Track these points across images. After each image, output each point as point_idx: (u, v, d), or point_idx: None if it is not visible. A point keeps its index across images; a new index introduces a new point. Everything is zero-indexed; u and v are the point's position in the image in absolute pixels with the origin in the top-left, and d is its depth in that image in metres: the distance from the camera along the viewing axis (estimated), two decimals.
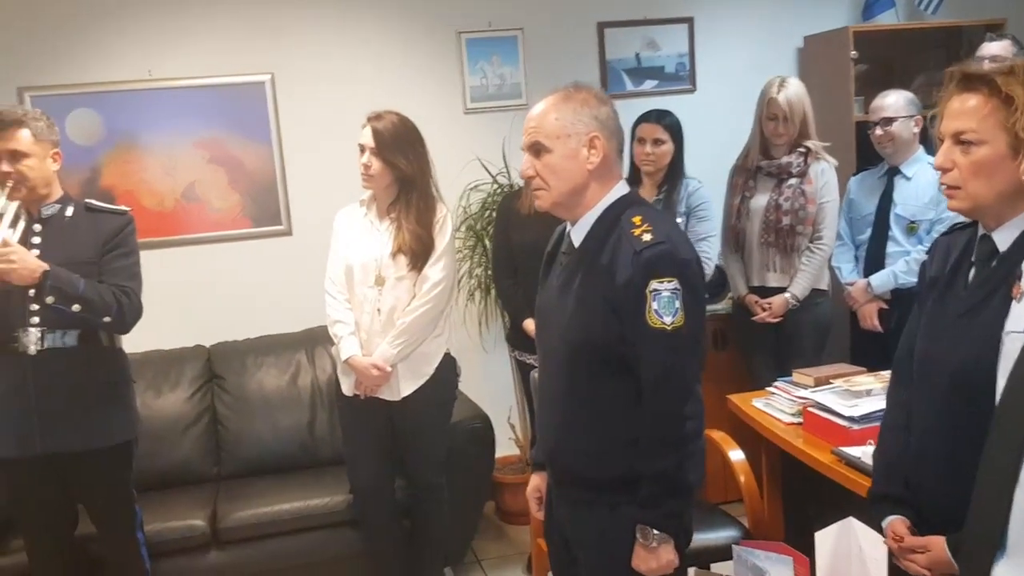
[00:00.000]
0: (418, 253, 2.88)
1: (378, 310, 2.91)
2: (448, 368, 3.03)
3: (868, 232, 3.45)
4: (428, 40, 4.06)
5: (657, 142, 3.34)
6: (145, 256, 3.66)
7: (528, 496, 2.14)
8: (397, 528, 3.14)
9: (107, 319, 2.54)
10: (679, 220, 3.33)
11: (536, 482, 2.11)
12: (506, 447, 3.99)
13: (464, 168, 4.01)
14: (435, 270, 2.90)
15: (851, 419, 2.30)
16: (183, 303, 3.82)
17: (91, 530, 2.79)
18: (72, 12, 3.62)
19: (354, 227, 3.00)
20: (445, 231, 2.94)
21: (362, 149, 2.88)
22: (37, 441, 2.54)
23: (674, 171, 3.39)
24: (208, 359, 3.68)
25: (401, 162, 2.86)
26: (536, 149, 1.86)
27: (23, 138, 2.50)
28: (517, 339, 3.44)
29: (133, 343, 3.47)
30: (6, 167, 2.48)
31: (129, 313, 2.59)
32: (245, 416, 3.57)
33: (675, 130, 3.38)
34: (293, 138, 3.90)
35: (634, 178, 3.43)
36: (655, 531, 1.77)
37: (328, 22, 3.93)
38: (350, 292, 2.98)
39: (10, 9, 3.56)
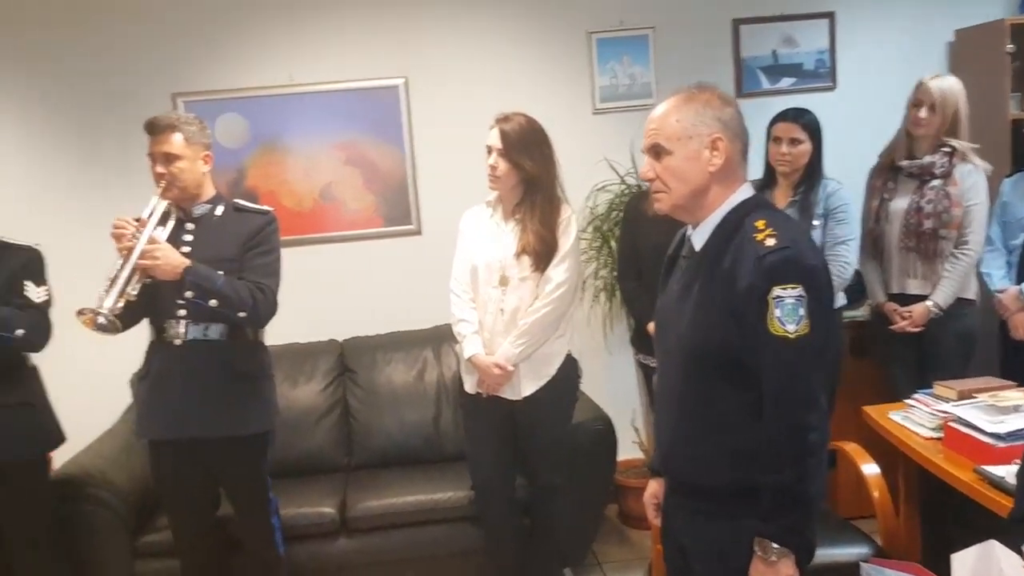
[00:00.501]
0: (541, 254, 2.89)
1: (501, 310, 2.94)
2: (570, 369, 3.03)
3: (1022, 237, 3.22)
4: (558, 41, 4.07)
5: (794, 142, 3.23)
6: (285, 253, 3.82)
7: (645, 502, 2.12)
8: (516, 526, 3.16)
9: (242, 314, 2.66)
10: (815, 223, 3.21)
11: (653, 488, 2.08)
12: (630, 450, 3.96)
13: (592, 169, 4.00)
14: (558, 271, 2.91)
15: (996, 436, 2.17)
16: (318, 299, 3.97)
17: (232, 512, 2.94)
18: (221, 23, 3.84)
19: (479, 228, 3.04)
20: (569, 232, 2.94)
21: (489, 150, 2.92)
22: (180, 425, 2.70)
23: (812, 172, 3.27)
24: (341, 353, 3.82)
25: (527, 163, 2.88)
26: (656, 151, 1.84)
27: (175, 141, 2.66)
28: (641, 342, 3.40)
29: (272, 336, 3.65)
30: (160, 169, 2.66)
31: (264, 309, 2.71)
32: (374, 409, 3.69)
33: (813, 129, 3.26)
34: (424, 140, 4.00)
35: (769, 179, 3.34)
36: (775, 545, 1.72)
37: (460, 25, 4.00)
38: (474, 292, 3.02)
39: (165, 21, 3.80)
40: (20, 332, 2.68)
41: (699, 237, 1.86)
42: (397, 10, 3.95)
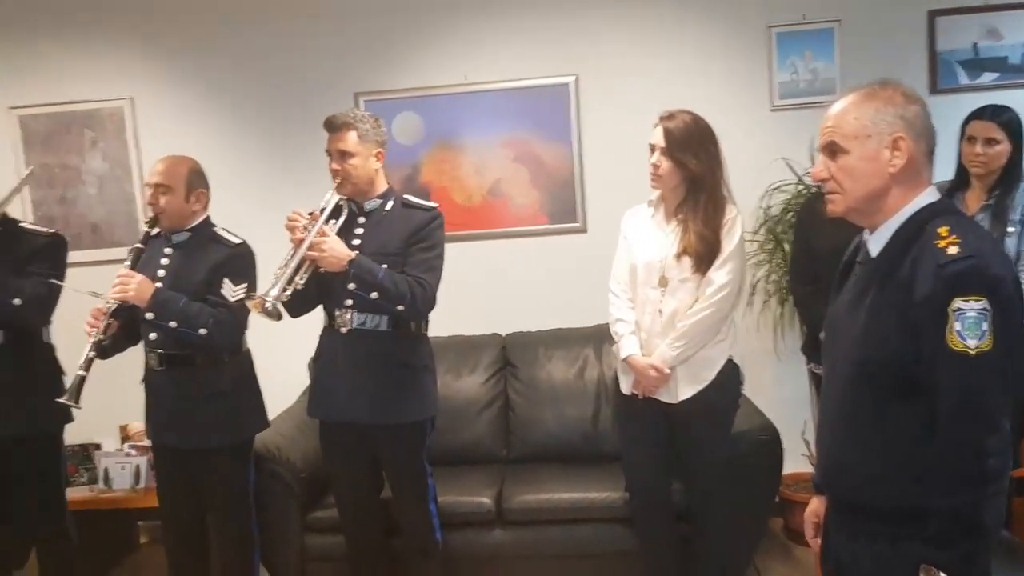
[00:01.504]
0: (703, 255, 2.81)
1: (660, 311, 2.89)
2: (730, 375, 2.93)
3: None
4: (735, 36, 3.95)
5: (990, 142, 2.98)
6: (452, 248, 3.94)
7: (805, 519, 2.02)
8: (672, 532, 3.10)
9: (400, 308, 2.76)
10: (1010, 230, 2.95)
11: (814, 506, 1.98)
12: (799, 463, 3.79)
13: (768, 168, 3.86)
14: (720, 274, 2.82)
15: None
16: (483, 293, 4.06)
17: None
18: (400, 25, 3.99)
19: (640, 227, 3.00)
20: (733, 234, 2.84)
21: (652, 148, 2.87)
22: (345, 410, 2.84)
23: (1009, 174, 3.01)
24: (503, 347, 3.88)
25: (691, 162, 2.81)
26: (831, 150, 1.74)
27: (351, 139, 2.78)
28: (813, 350, 3.24)
29: (438, 328, 3.75)
30: (335, 165, 2.79)
31: (422, 304, 2.79)
32: (534, 404, 3.73)
33: (1013, 128, 2.99)
34: (592, 138, 3.99)
35: (961, 181, 3.10)
36: (942, 573, 1.59)
37: (632, 22, 3.96)
38: (633, 292, 2.98)
39: (347, 24, 4.00)
40: (203, 332, 2.79)
41: (876, 243, 1.75)
42: (569, 9, 3.96)
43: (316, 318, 2.93)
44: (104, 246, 4.04)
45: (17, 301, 2.87)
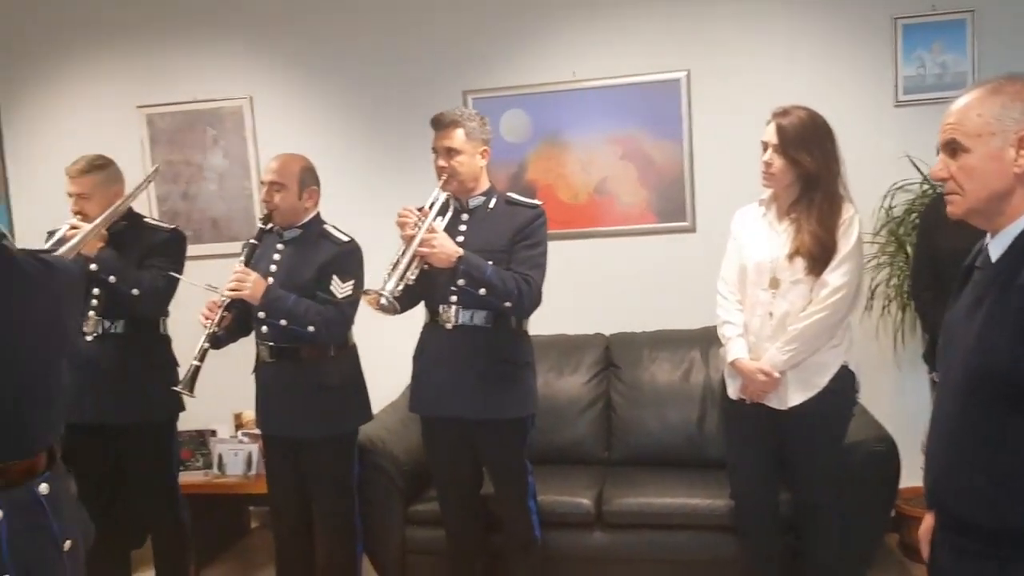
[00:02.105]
0: (817, 256, 2.70)
1: (770, 314, 2.79)
2: (844, 382, 2.80)
3: None
4: (857, 27, 3.78)
5: None
6: (557, 246, 3.93)
7: (920, 536, 1.90)
8: (778, 543, 2.99)
9: (508, 304, 2.76)
10: None
11: (928, 522, 1.86)
12: (918, 477, 3.59)
13: (891, 166, 3.69)
14: (836, 275, 2.70)
15: None
16: (588, 292, 4.02)
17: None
18: (507, 22, 4.00)
19: (751, 227, 2.90)
20: (850, 234, 2.71)
21: (764, 146, 2.77)
22: (446, 405, 2.86)
23: None
24: (607, 347, 3.83)
25: (805, 159, 2.70)
26: (952, 148, 1.63)
27: (457, 137, 2.80)
28: (935, 358, 3.06)
29: (542, 326, 3.75)
30: (441, 162, 2.82)
31: (528, 300, 2.78)
32: (637, 406, 3.67)
33: None
34: (703, 135, 3.90)
35: None
36: None
37: (747, 14, 3.85)
38: (742, 293, 2.89)
39: (456, 23, 4.03)
40: (311, 329, 2.85)
41: (996, 247, 1.63)
42: (681, 2, 3.87)
43: (420, 313, 2.96)
44: (223, 240, 4.20)
45: (136, 291, 3.01)
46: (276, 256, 3.02)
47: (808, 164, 2.70)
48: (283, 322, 2.87)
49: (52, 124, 4.36)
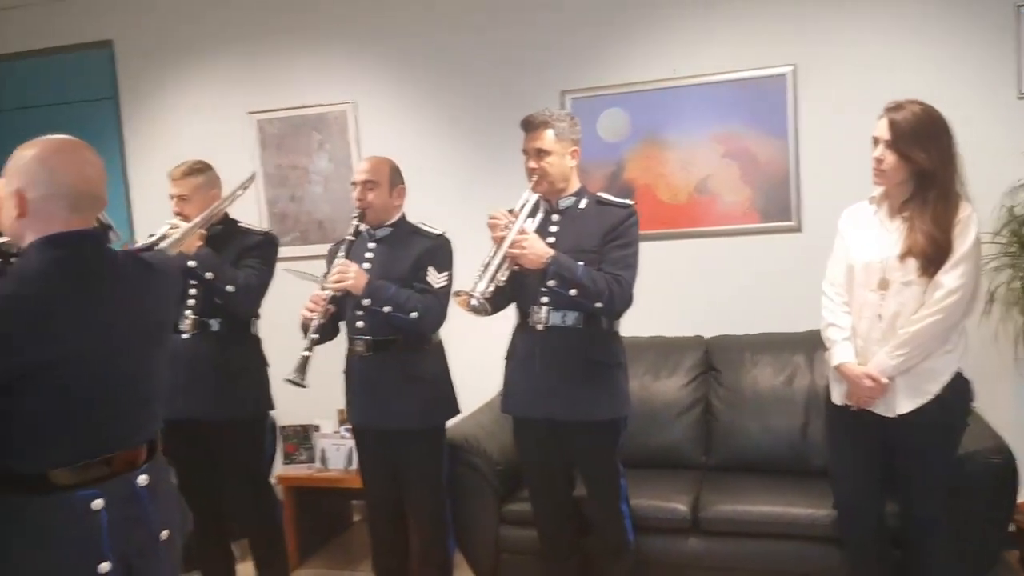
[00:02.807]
0: (931, 257, 2.56)
1: (879, 316, 2.66)
2: (959, 389, 2.64)
3: None
4: (975, 17, 3.57)
5: None
6: (656, 247, 3.89)
7: None
8: (884, 557, 2.86)
9: (598, 305, 2.73)
10: None
11: None
12: None
13: (1014, 162, 3.48)
14: (951, 277, 2.55)
15: None
16: (687, 294, 3.94)
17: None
18: (606, 20, 3.95)
19: (860, 226, 2.78)
20: (967, 234, 2.56)
21: (875, 142, 2.65)
22: (537, 406, 2.86)
23: None
24: (706, 350, 3.75)
25: (919, 156, 2.57)
26: None
27: (547, 137, 2.80)
28: None
29: (639, 328, 3.71)
30: (532, 164, 2.81)
31: (619, 301, 2.75)
32: (737, 411, 3.57)
33: None
34: (811, 131, 3.76)
35: None
36: None
37: (856, 5, 3.69)
38: (850, 295, 2.77)
39: (555, 23, 4.01)
40: (414, 315, 2.93)
41: None
42: None
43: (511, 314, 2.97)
44: (327, 241, 4.24)
45: (231, 288, 3.12)
46: (369, 255, 3.09)
47: (922, 161, 2.57)
48: (387, 309, 2.94)
49: (169, 129, 4.57)
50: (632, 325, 3.54)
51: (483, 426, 3.47)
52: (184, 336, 3.19)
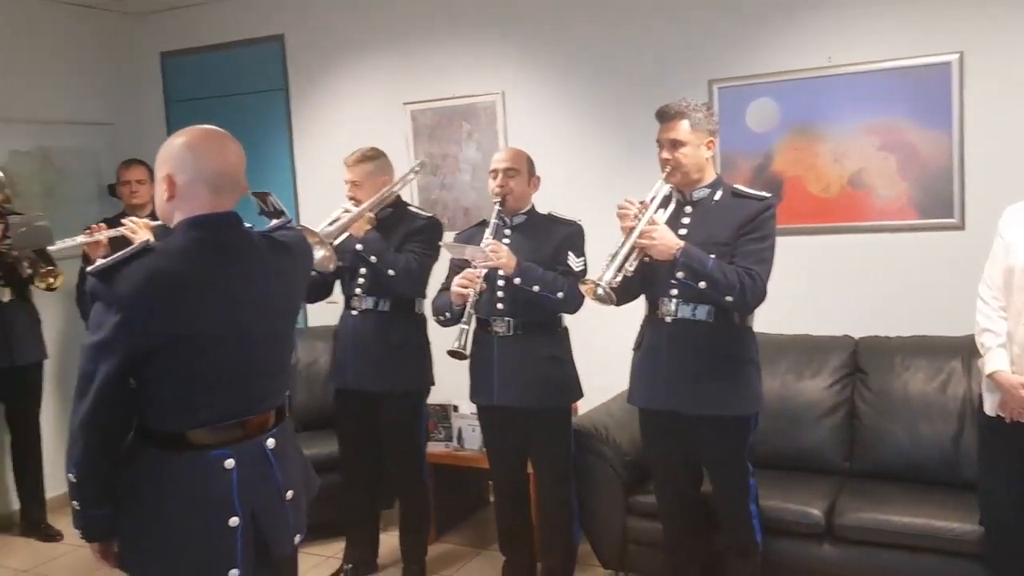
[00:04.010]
0: None
1: None
2: None
3: None
4: None
5: None
6: (804, 241, 3.77)
7: None
8: None
9: (729, 298, 2.68)
10: None
11: None
12: None
13: None
14: None
15: None
16: (836, 291, 3.78)
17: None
18: (757, 7, 3.82)
19: (1022, 225, 2.60)
20: None
21: None
22: (664, 398, 2.85)
23: None
24: (854, 351, 3.59)
25: None
26: None
27: (682, 128, 2.77)
28: None
29: (783, 325, 3.62)
30: (665, 154, 2.80)
31: (751, 295, 2.69)
32: (885, 416, 3.40)
33: None
34: (977, 123, 3.51)
35: None
36: None
37: None
38: (1007, 299, 2.61)
39: (704, 10, 3.92)
40: (560, 295, 3.08)
41: None
42: None
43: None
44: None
45: (391, 272, 3.30)
46: (506, 241, 3.20)
47: None
48: (536, 288, 3.06)
49: (331, 119, 4.82)
50: (776, 321, 3.46)
51: (613, 415, 3.49)
52: (354, 313, 3.43)
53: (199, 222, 1.89)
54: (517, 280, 3.08)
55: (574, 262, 3.15)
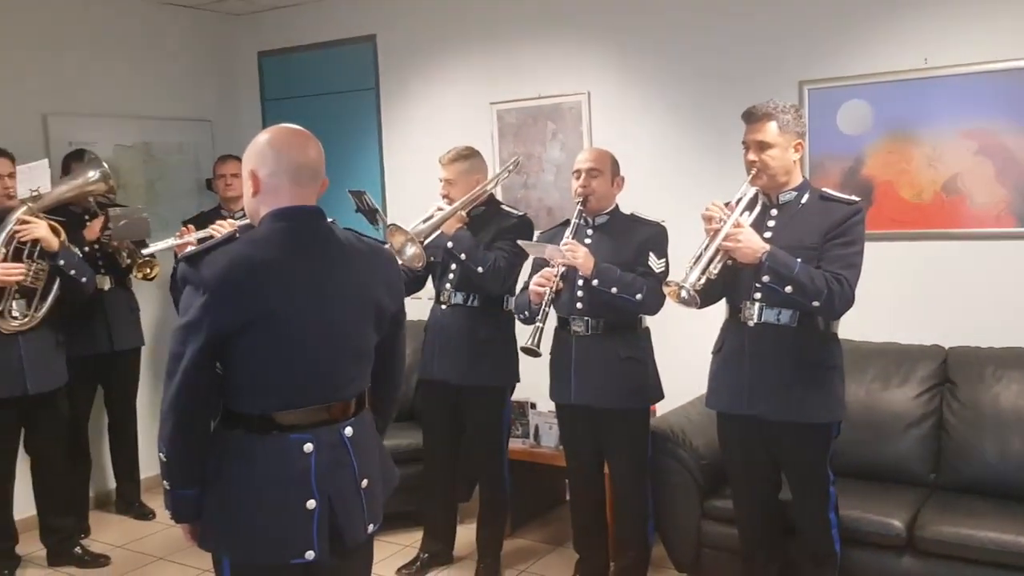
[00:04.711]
0: None
1: None
2: None
3: None
4: None
5: None
6: (894, 247, 3.69)
7: None
8: None
9: (815, 304, 2.64)
10: None
11: None
12: None
13: None
14: None
15: None
16: (928, 299, 3.67)
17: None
18: (850, 6, 3.74)
19: None
20: None
21: None
22: (744, 403, 2.83)
23: None
24: (944, 361, 3.49)
25: None
26: None
27: (770, 130, 2.74)
28: None
29: (870, 332, 3.55)
30: (752, 156, 2.77)
31: (839, 301, 2.65)
32: (974, 429, 3.30)
33: None
34: None
35: None
36: None
37: None
38: None
39: (794, 8, 3.85)
40: (639, 297, 3.09)
41: None
42: None
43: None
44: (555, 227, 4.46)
45: (480, 269, 3.37)
46: (587, 241, 3.23)
47: None
48: (614, 290, 3.08)
49: (419, 117, 4.91)
50: (863, 328, 3.40)
51: (691, 419, 3.47)
52: (443, 307, 3.54)
53: (282, 213, 1.98)
54: (595, 281, 3.11)
55: (655, 263, 3.16)
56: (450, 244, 3.39)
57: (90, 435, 4.50)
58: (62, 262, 3.65)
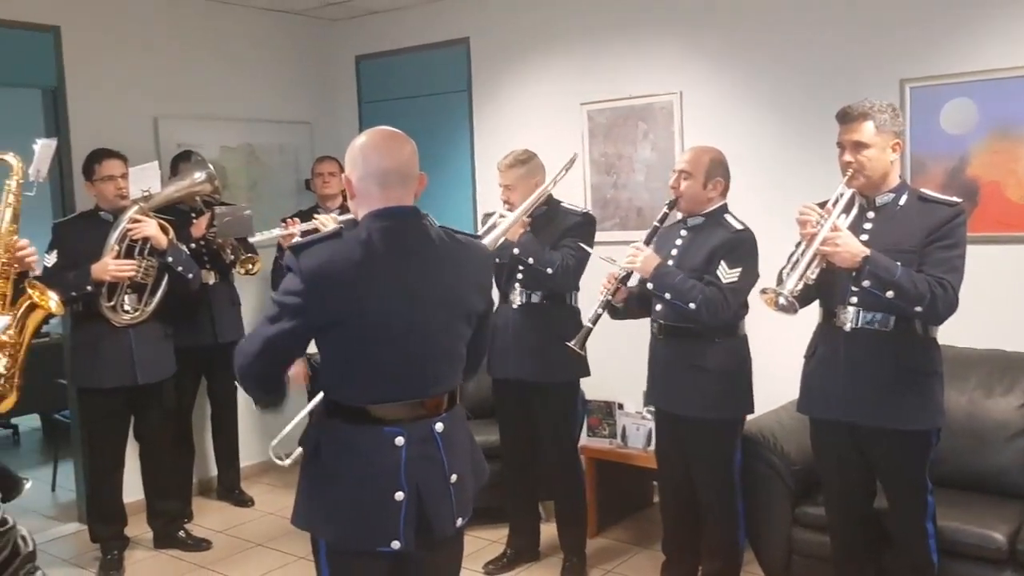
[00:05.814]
0: None
1: None
2: None
3: None
4: None
5: None
6: (1001, 251, 3.57)
7: None
8: None
9: (918, 309, 2.57)
10: None
11: None
12: None
13: None
14: None
15: None
16: None
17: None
18: (954, 4, 3.61)
19: None
20: None
21: None
22: (838, 408, 2.77)
23: None
24: None
25: None
26: None
27: (866, 130, 2.67)
28: None
29: (974, 338, 3.43)
30: (848, 157, 2.71)
31: (942, 305, 2.57)
32: None
33: None
34: None
35: None
36: None
37: None
38: None
39: (895, 5, 3.74)
40: (692, 306, 3.00)
41: None
42: None
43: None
44: (645, 228, 4.34)
45: (549, 271, 3.42)
46: (679, 241, 3.22)
47: None
48: (667, 295, 3.06)
49: (510, 119, 4.95)
50: (966, 334, 3.29)
51: (783, 423, 3.41)
52: (513, 306, 3.58)
53: (380, 214, 2.04)
54: (649, 285, 3.11)
55: (724, 272, 3.02)
56: (516, 250, 3.44)
57: (193, 424, 4.71)
58: (170, 259, 3.84)
